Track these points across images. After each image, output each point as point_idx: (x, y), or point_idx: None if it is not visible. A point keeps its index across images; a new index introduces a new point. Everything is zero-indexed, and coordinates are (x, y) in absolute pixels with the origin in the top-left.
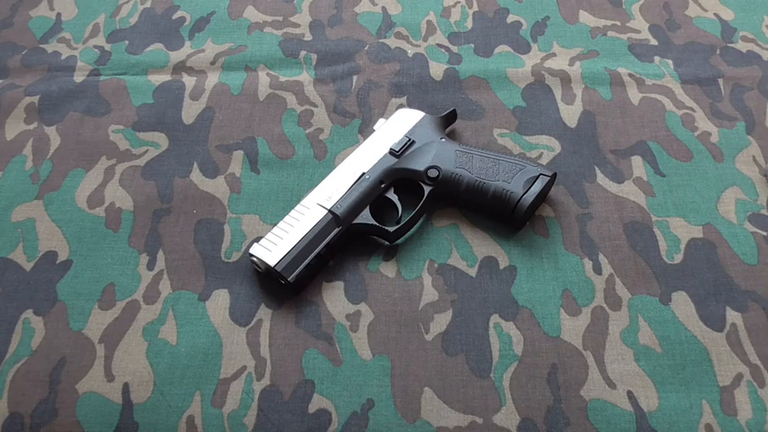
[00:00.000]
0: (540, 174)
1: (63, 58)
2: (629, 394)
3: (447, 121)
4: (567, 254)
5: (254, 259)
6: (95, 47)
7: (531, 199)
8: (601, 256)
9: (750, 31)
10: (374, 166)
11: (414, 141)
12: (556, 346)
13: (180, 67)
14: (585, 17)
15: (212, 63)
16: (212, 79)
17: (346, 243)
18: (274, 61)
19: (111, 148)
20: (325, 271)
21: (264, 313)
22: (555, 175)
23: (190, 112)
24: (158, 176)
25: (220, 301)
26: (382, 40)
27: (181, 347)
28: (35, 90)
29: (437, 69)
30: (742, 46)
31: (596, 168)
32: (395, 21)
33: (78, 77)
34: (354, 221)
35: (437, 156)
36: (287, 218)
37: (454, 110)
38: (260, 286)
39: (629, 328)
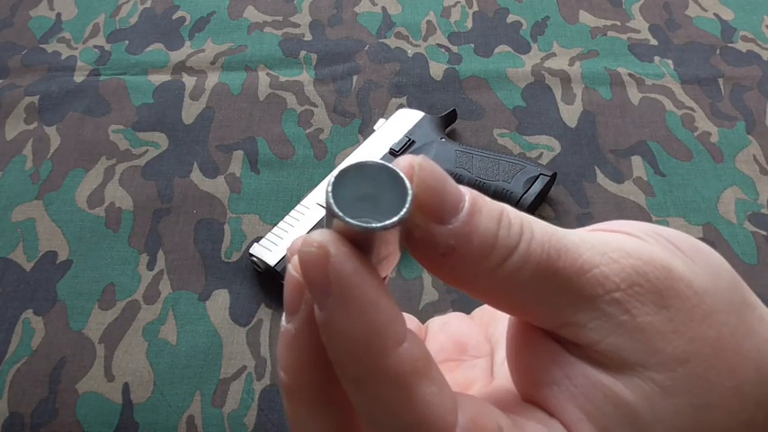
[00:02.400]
0: (540, 174)
1: (63, 58)
2: None
3: (447, 121)
4: None
5: (254, 259)
6: (95, 47)
7: (531, 199)
8: None
9: (750, 31)
10: None
11: (414, 141)
12: None
13: (180, 67)
14: (585, 17)
15: (212, 63)
16: (212, 79)
17: None
18: (274, 61)
19: (111, 148)
20: None
21: (264, 313)
22: (555, 174)
23: (190, 112)
24: (158, 176)
25: (220, 301)
26: (382, 40)
27: (181, 347)
28: (35, 90)
29: (437, 69)
30: (742, 46)
31: (596, 168)
32: (395, 21)
33: (78, 77)
34: None
35: (437, 156)
36: (287, 218)
37: (454, 110)
38: (260, 286)
39: None
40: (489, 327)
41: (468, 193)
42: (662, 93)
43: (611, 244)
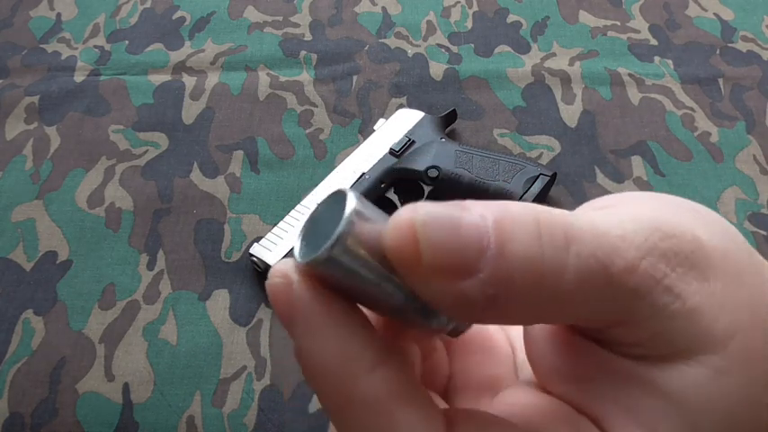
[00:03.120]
0: (540, 174)
1: (63, 58)
2: None
3: (447, 121)
4: None
5: (254, 259)
6: (95, 47)
7: (530, 199)
8: None
9: (750, 31)
10: (374, 166)
11: (414, 141)
12: None
13: (180, 67)
14: (585, 17)
15: (212, 63)
16: (212, 79)
17: None
18: (274, 61)
19: (111, 148)
20: None
21: (264, 313)
22: (555, 174)
23: (190, 112)
24: (158, 176)
25: (220, 301)
26: (382, 40)
27: (181, 347)
28: (35, 90)
29: (437, 69)
30: (742, 46)
31: (596, 168)
32: (395, 21)
33: (78, 77)
34: None
35: (437, 156)
36: (287, 218)
37: (454, 110)
38: (260, 286)
39: None
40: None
41: (489, 216)
42: (662, 93)
43: (642, 224)
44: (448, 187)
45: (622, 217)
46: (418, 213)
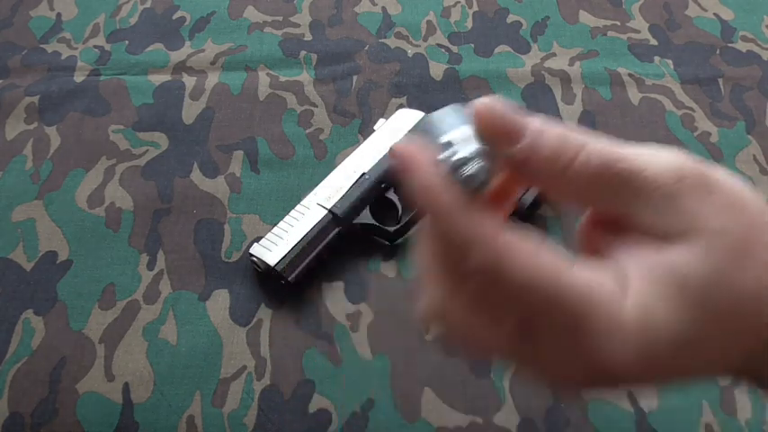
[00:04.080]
0: None
1: (63, 58)
2: (630, 394)
3: None
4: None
5: (254, 259)
6: (95, 47)
7: (531, 199)
8: None
9: (750, 31)
10: (374, 166)
11: None
12: None
13: (180, 67)
14: (585, 17)
15: (212, 63)
16: (212, 79)
17: (346, 243)
18: (274, 61)
19: (112, 148)
20: (325, 271)
21: (264, 313)
22: None
23: (190, 112)
24: (158, 176)
25: (220, 301)
26: (382, 40)
27: (181, 347)
28: (35, 90)
29: (437, 69)
30: (742, 46)
31: None
32: (395, 21)
33: (78, 77)
34: (354, 221)
35: None
36: (287, 218)
37: None
38: (260, 286)
39: None
40: None
41: (532, 122)
42: (662, 93)
43: (655, 153)
44: None
45: (640, 148)
46: (484, 99)
